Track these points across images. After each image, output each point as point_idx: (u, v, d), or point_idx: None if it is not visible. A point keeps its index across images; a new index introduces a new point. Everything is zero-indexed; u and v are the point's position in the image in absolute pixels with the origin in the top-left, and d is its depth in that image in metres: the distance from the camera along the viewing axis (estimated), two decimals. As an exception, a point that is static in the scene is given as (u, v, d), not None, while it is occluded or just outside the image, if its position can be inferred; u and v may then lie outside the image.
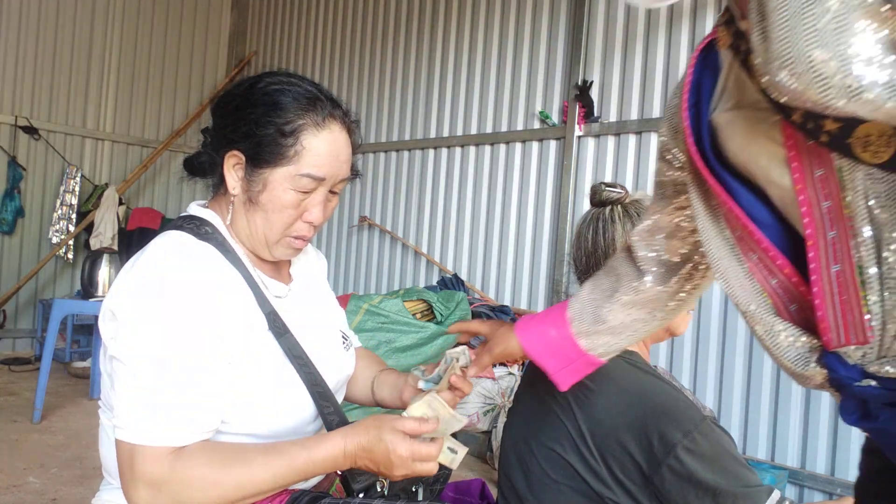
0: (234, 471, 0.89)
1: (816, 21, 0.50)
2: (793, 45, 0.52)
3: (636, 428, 1.06)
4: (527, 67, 3.98)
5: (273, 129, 0.98)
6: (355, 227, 4.91)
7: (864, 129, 0.55)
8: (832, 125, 0.56)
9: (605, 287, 1.04)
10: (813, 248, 0.64)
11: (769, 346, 0.70)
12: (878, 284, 0.59)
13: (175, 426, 0.88)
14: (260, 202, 1.01)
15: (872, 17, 0.48)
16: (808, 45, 0.50)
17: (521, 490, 1.20)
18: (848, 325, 0.62)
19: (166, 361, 0.89)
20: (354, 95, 4.94)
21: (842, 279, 0.61)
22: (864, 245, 0.59)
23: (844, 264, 0.61)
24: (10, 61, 4.82)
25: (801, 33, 0.51)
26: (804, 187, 0.63)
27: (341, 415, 1.08)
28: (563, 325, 1.05)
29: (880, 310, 0.60)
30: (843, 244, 0.61)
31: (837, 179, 0.60)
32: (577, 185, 3.64)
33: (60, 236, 4.94)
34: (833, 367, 0.64)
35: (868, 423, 0.65)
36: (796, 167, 0.63)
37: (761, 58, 0.57)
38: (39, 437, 3.09)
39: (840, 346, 0.63)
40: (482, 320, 1.16)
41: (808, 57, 0.51)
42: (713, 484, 1.01)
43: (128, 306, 0.91)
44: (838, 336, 0.63)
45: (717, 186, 0.72)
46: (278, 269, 1.14)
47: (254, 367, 0.99)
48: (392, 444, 0.92)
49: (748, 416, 2.97)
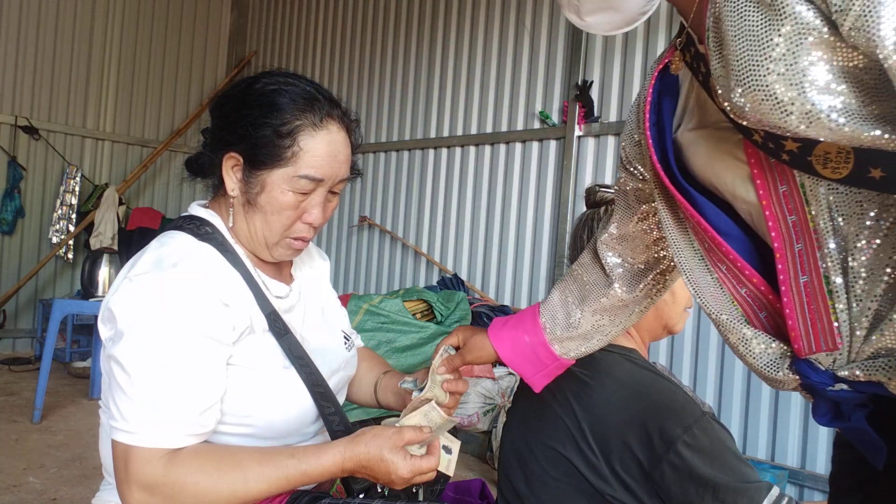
0: (229, 478, 0.88)
1: (772, 51, 0.52)
2: (752, 74, 0.54)
3: (636, 423, 1.06)
4: (527, 67, 3.98)
5: (270, 130, 0.97)
6: (355, 227, 4.90)
7: (823, 147, 0.57)
8: (792, 145, 0.59)
9: (575, 293, 1.06)
10: (781, 261, 0.66)
11: (743, 353, 0.72)
12: (844, 293, 0.61)
13: (169, 428, 0.88)
14: (258, 204, 1.00)
15: (824, 46, 0.51)
16: (767, 74, 0.53)
17: (520, 489, 1.20)
18: (818, 333, 0.64)
19: (162, 364, 0.88)
20: (354, 95, 4.94)
21: (810, 289, 0.64)
22: (829, 256, 0.61)
23: (812, 275, 0.63)
24: (10, 61, 4.82)
25: (758, 63, 0.53)
26: (769, 203, 0.65)
27: (342, 415, 1.08)
28: (536, 332, 1.07)
29: (847, 317, 0.62)
30: (809, 255, 0.63)
31: (801, 194, 0.62)
32: (577, 185, 3.64)
33: (60, 236, 4.94)
34: (805, 374, 0.66)
35: (840, 423, 0.67)
36: (760, 184, 0.66)
37: (722, 85, 0.59)
38: (39, 437, 3.09)
39: (811, 354, 0.65)
40: (453, 331, 1.19)
41: (767, 86, 0.53)
42: (713, 479, 1.01)
43: (126, 308, 0.90)
44: (809, 344, 0.65)
45: (682, 201, 0.74)
46: (279, 269, 1.14)
47: (255, 368, 0.99)
48: (394, 466, 0.92)
49: (748, 415, 2.97)
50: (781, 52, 0.52)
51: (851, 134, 0.51)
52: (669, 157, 0.76)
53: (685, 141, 0.76)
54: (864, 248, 0.59)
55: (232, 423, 0.97)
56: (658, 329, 1.27)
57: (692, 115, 0.76)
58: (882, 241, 0.58)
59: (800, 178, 0.61)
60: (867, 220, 0.59)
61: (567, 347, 1.07)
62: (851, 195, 0.59)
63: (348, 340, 1.22)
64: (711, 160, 0.72)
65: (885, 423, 0.64)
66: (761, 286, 0.70)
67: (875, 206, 0.58)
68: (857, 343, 0.62)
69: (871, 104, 0.51)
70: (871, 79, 0.50)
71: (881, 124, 0.50)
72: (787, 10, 0.51)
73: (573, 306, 1.06)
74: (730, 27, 0.56)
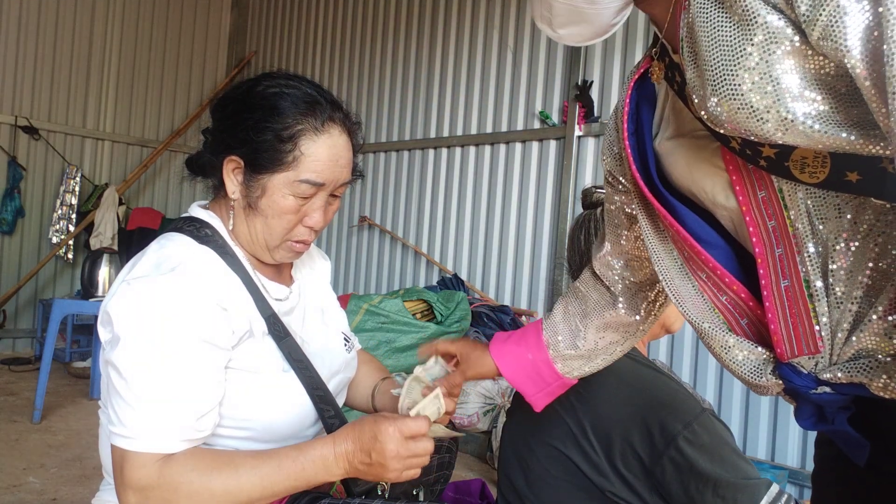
0: (223, 476, 0.88)
1: (746, 60, 0.53)
2: (727, 83, 0.55)
3: (637, 420, 1.06)
4: (527, 67, 3.98)
5: (271, 134, 0.96)
6: (355, 227, 4.90)
7: (800, 152, 0.58)
8: (769, 151, 0.60)
9: (578, 310, 1.06)
10: (763, 266, 0.66)
11: (726, 361, 0.73)
12: (824, 296, 0.62)
13: (166, 434, 0.88)
14: (259, 207, 1.00)
15: (796, 54, 0.51)
16: (741, 84, 0.54)
17: (521, 489, 1.20)
18: (799, 336, 0.64)
19: (159, 369, 0.88)
20: (354, 95, 4.94)
21: (791, 293, 0.64)
22: (809, 259, 0.62)
23: (792, 279, 0.64)
24: (10, 61, 4.82)
25: (733, 72, 0.54)
26: (749, 208, 0.66)
27: (342, 418, 1.08)
28: (539, 350, 1.06)
29: (828, 320, 0.62)
30: (790, 260, 0.64)
31: (779, 199, 0.63)
32: (577, 184, 3.64)
33: (60, 236, 4.93)
34: (788, 378, 0.67)
35: (824, 425, 0.67)
36: (740, 190, 0.66)
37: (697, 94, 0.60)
38: (39, 437, 3.09)
39: (793, 357, 0.66)
40: (452, 340, 1.17)
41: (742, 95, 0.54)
42: (713, 475, 1.01)
43: (123, 312, 0.90)
44: (791, 348, 0.66)
45: (662, 210, 0.75)
46: (280, 271, 1.14)
47: (254, 372, 0.98)
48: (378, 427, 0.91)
49: (748, 415, 2.97)
50: (755, 61, 0.53)
51: (827, 139, 0.52)
52: (650, 167, 0.77)
53: (663, 150, 0.77)
54: (842, 250, 0.60)
55: (231, 426, 0.97)
56: (657, 328, 1.27)
57: (668, 123, 0.76)
58: (860, 244, 0.59)
59: (778, 183, 0.62)
60: (845, 223, 0.59)
61: (570, 366, 1.06)
62: (829, 199, 0.59)
63: (348, 342, 1.21)
64: (690, 168, 0.72)
65: (866, 424, 0.65)
66: (741, 293, 0.70)
67: (852, 209, 0.59)
68: (839, 345, 0.62)
69: (844, 110, 0.51)
70: (842, 85, 0.51)
71: (856, 129, 0.51)
72: (758, 20, 0.52)
73: (577, 323, 1.05)
74: (703, 37, 0.56)
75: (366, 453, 0.91)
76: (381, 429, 0.91)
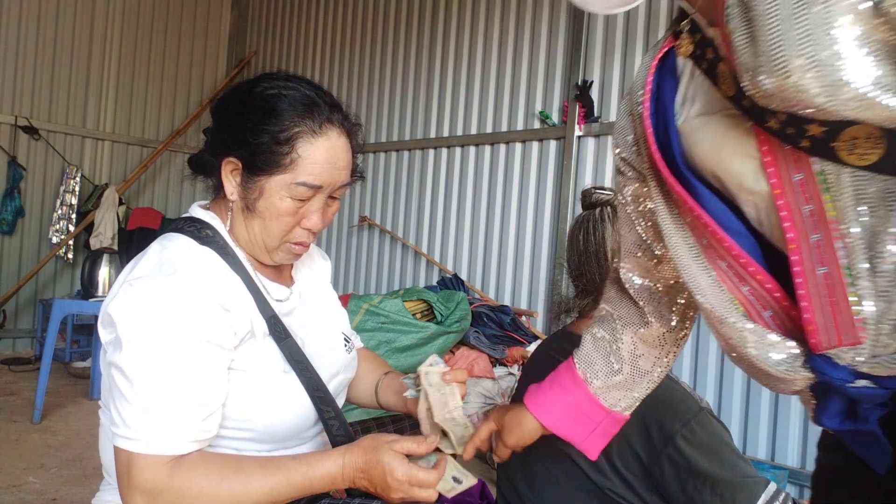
0: (232, 483, 0.88)
1: (808, 24, 0.50)
2: (786, 48, 0.51)
3: (635, 418, 1.06)
4: (527, 67, 3.98)
5: (268, 136, 0.96)
6: (355, 227, 4.91)
7: (851, 131, 0.54)
8: (817, 129, 0.56)
9: (606, 331, 0.99)
10: (796, 252, 0.63)
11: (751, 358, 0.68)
12: (868, 284, 0.59)
13: (173, 435, 0.88)
14: (257, 209, 1.00)
15: (859, 18, 0.49)
16: (801, 48, 0.50)
17: (521, 488, 1.21)
18: (838, 326, 0.61)
19: (164, 370, 0.88)
20: (354, 95, 4.94)
21: (829, 281, 0.61)
22: (851, 246, 0.58)
23: (831, 266, 0.60)
24: (10, 61, 4.82)
25: (793, 37, 0.51)
26: (783, 192, 0.62)
27: (342, 419, 1.08)
28: (577, 385, 0.99)
29: (873, 311, 0.59)
30: (827, 246, 0.60)
31: (817, 183, 0.59)
32: (577, 184, 3.64)
33: (60, 236, 4.93)
34: (822, 370, 0.63)
35: (852, 423, 0.64)
36: (773, 172, 0.62)
37: (748, 64, 0.56)
38: (39, 437, 3.09)
39: (830, 348, 0.62)
40: (490, 416, 1.08)
41: (802, 59, 0.50)
42: (711, 473, 1.01)
43: (126, 313, 0.89)
44: (829, 338, 0.62)
45: (683, 192, 0.71)
46: (280, 272, 1.14)
47: (255, 373, 0.98)
48: (389, 467, 0.92)
49: (748, 415, 2.97)
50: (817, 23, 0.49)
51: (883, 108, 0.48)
52: (673, 147, 0.73)
53: (687, 130, 0.73)
54: (890, 238, 0.56)
55: (231, 427, 0.97)
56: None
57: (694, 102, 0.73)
58: None
59: (819, 165, 0.58)
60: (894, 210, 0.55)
61: (615, 398, 0.98)
62: (878, 183, 0.55)
63: (348, 342, 1.21)
64: (717, 148, 0.68)
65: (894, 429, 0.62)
66: (767, 283, 0.67)
67: None
68: (883, 337, 0.59)
69: None
70: None
71: None
72: None
73: (608, 344, 0.98)
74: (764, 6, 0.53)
75: (371, 483, 0.94)
76: (393, 468, 0.92)
